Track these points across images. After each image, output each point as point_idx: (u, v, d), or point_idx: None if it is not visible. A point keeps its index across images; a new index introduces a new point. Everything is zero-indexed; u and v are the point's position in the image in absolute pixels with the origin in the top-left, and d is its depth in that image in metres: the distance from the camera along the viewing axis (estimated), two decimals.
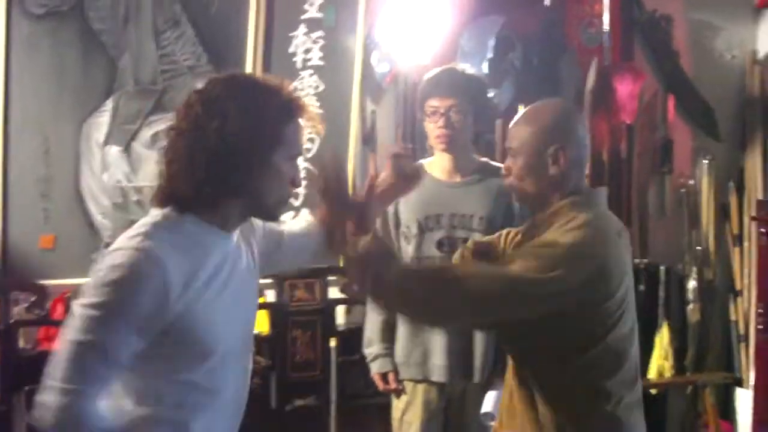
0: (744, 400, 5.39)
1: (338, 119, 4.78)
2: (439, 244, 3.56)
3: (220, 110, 2.05)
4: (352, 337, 4.53)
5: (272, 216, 2.25)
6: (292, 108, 2.14)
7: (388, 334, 3.66)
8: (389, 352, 3.65)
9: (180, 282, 2.03)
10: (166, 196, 2.13)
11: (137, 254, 2.00)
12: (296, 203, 4.48)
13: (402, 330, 3.63)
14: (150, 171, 4.57)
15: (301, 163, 3.32)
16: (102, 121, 4.46)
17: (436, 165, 3.63)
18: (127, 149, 4.52)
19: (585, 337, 2.46)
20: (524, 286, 2.36)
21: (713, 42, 5.79)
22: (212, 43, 4.65)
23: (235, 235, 2.24)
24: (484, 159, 3.74)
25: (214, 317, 2.11)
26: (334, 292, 4.71)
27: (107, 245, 4.41)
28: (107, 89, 4.46)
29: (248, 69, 4.66)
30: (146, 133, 4.55)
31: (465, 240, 3.36)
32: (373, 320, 3.69)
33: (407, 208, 3.59)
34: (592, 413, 2.49)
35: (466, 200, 3.54)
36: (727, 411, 5.57)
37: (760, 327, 4.74)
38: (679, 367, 5.44)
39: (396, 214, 3.63)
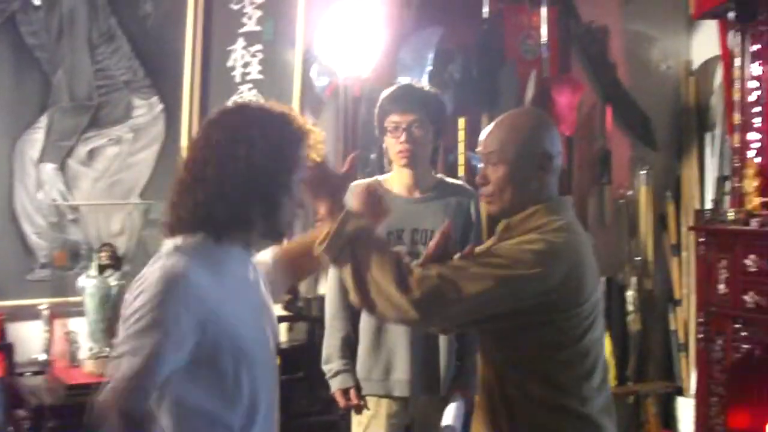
0: (685, 408, 5.43)
1: None
2: None
3: (244, 138, 2.16)
4: (295, 354, 4.47)
5: (282, 236, 2.37)
6: (303, 133, 2.26)
7: (348, 350, 3.61)
8: (350, 367, 3.58)
9: (213, 299, 2.12)
10: (195, 222, 2.18)
11: (176, 270, 2.09)
12: None
13: (363, 346, 3.58)
14: (86, 189, 4.48)
15: None
16: (36, 138, 4.37)
17: (396, 181, 3.63)
18: (62, 166, 4.43)
19: (562, 336, 2.45)
20: (508, 281, 2.34)
21: (649, 53, 5.85)
22: (149, 58, 4.59)
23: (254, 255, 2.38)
24: (440, 175, 3.74)
25: (245, 329, 2.20)
26: (276, 310, 4.65)
27: (43, 266, 4.36)
28: (41, 105, 4.37)
29: (186, 83, 4.61)
30: (82, 150, 4.47)
31: None
32: (332, 337, 3.64)
33: None
34: (568, 415, 2.47)
35: (426, 216, 3.53)
36: (668, 420, 5.61)
37: (700, 336, 4.77)
38: (620, 377, 5.48)
39: None
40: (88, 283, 4.13)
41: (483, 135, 2.64)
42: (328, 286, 3.68)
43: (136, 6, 4.54)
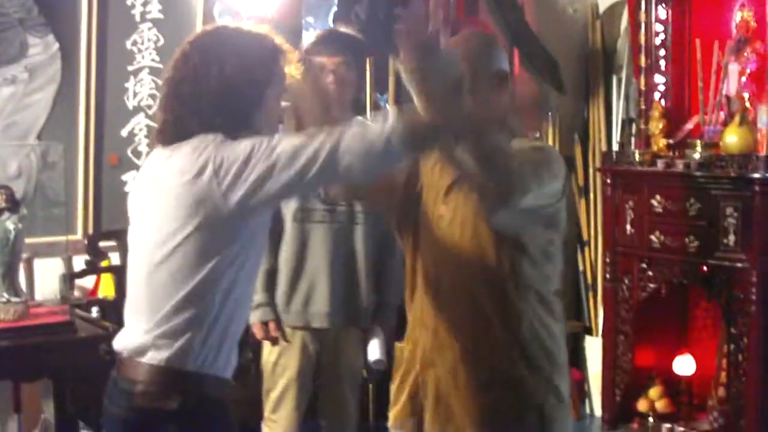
0: (593, 347, 5.50)
1: None
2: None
3: (216, 57, 2.35)
4: None
5: None
6: (276, 51, 2.43)
7: (271, 283, 3.66)
8: (271, 301, 3.64)
9: None
10: (173, 134, 2.37)
11: None
12: None
13: (283, 277, 3.65)
14: None
15: None
16: None
17: None
18: None
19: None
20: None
21: None
22: None
23: None
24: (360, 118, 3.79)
25: None
26: None
27: None
28: None
29: (83, 22, 4.48)
30: None
31: None
32: None
33: None
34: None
35: None
36: (577, 359, 5.67)
37: (607, 276, 4.82)
38: None
39: None
40: None
41: None
42: None
43: None
